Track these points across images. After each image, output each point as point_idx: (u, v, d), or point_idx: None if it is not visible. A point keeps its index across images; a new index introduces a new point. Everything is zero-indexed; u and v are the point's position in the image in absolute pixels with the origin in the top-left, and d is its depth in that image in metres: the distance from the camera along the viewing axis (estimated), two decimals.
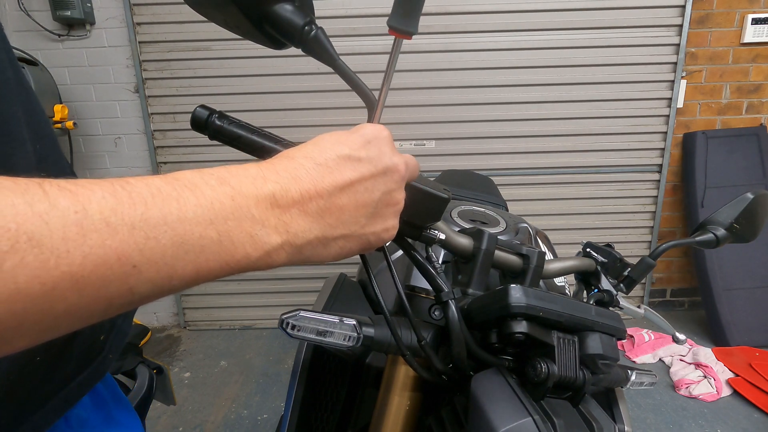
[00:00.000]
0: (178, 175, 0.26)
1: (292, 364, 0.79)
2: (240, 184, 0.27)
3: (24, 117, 0.40)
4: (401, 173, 0.36)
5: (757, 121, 2.57)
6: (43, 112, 0.44)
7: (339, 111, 2.46)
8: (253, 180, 0.28)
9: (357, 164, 0.33)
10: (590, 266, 0.69)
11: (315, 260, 0.33)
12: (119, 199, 0.22)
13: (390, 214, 0.36)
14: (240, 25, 0.42)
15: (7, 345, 0.20)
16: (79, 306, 0.21)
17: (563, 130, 2.52)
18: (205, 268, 0.26)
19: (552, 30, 2.40)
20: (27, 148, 0.40)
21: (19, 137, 0.39)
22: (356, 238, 0.34)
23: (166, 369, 1.03)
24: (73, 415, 0.48)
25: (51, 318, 0.21)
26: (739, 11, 2.42)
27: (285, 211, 0.29)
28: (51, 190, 0.21)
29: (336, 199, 0.31)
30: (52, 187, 0.21)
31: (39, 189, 0.20)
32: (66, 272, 0.20)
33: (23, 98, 0.41)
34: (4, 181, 0.20)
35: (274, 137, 0.48)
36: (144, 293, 0.24)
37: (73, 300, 0.21)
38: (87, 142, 2.53)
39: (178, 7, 2.35)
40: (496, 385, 0.46)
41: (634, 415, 1.91)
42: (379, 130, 0.35)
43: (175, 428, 1.87)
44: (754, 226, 0.70)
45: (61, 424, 0.46)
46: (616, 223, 2.66)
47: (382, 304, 0.41)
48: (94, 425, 0.50)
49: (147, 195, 0.23)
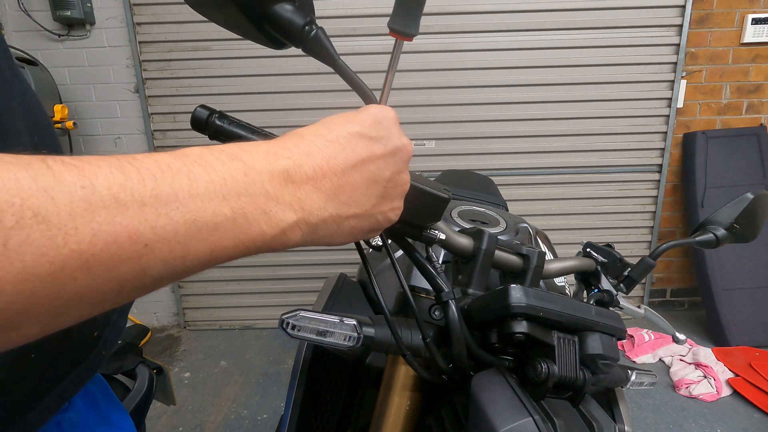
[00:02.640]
0: (188, 151, 0.25)
1: (292, 364, 0.79)
2: (252, 159, 0.27)
3: (19, 108, 0.39)
4: (408, 154, 0.36)
5: (757, 121, 2.57)
6: (39, 104, 0.43)
7: (339, 111, 2.46)
8: (265, 155, 0.27)
9: (368, 142, 0.32)
10: (590, 266, 0.69)
11: (327, 241, 0.32)
12: (127, 175, 0.21)
13: (397, 195, 0.36)
14: (240, 24, 0.42)
15: (17, 331, 0.19)
16: (90, 288, 0.20)
17: (563, 130, 2.52)
18: (220, 246, 0.25)
19: (552, 30, 2.40)
20: (23, 140, 0.39)
21: (12, 129, 0.38)
22: (367, 217, 0.33)
23: (166, 369, 1.03)
24: (66, 419, 0.48)
25: (61, 301, 0.20)
26: (739, 11, 2.42)
27: (299, 188, 0.28)
28: (55, 165, 0.20)
29: (349, 177, 0.31)
30: (56, 163, 0.20)
31: (42, 164, 0.19)
32: (75, 250, 0.19)
33: (17, 90, 0.40)
34: (5, 156, 0.19)
35: (274, 137, 0.48)
36: (157, 274, 0.23)
37: (83, 281, 0.20)
38: (87, 142, 2.52)
39: (178, 7, 2.35)
40: (497, 385, 0.46)
41: (634, 415, 1.91)
42: (386, 110, 0.35)
43: (175, 428, 1.87)
44: (754, 226, 0.70)
45: (53, 428, 0.46)
46: (616, 223, 2.66)
47: (382, 304, 0.41)
48: (86, 427, 0.50)
49: (156, 171, 0.23)
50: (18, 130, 0.38)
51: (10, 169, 0.18)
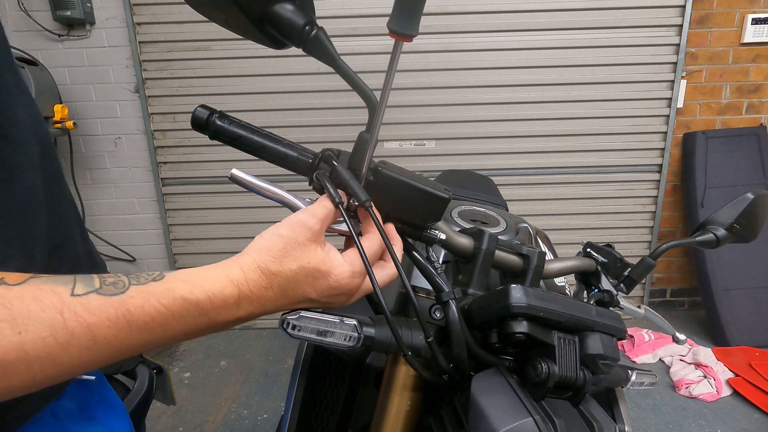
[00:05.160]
0: (172, 307, 0.33)
1: (292, 364, 0.80)
2: (218, 316, 0.36)
3: (26, 120, 0.42)
4: (352, 299, 0.44)
5: (757, 121, 2.57)
6: (41, 114, 0.46)
7: (339, 111, 2.46)
8: (229, 310, 0.37)
9: (316, 304, 0.42)
10: (590, 266, 0.69)
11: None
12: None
13: (338, 303, 0.44)
14: (240, 24, 0.42)
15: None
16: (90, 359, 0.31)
17: (563, 130, 2.52)
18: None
19: (552, 30, 2.40)
20: (29, 150, 0.42)
21: (17, 139, 0.41)
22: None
23: (165, 369, 1.03)
24: (60, 407, 0.49)
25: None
26: (739, 11, 2.42)
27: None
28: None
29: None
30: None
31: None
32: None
33: (23, 101, 0.43)
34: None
35: (274, 137, 0.48)
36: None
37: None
38: (87, 142, 2.52)
39: (178, 7, 2.35)
40: (497, 385, 0.46)
41: (634, 415, 1.91)
42: (352, 287, 0.41)
43: (175, 428, 1.87)
44: (754, 226, 0.70)
45: (47, 416, 0.47)
46: (616, 223, 2.66)
47: (383, 304, 0.41)
48: (80, 419, 0.51)
49: (145, 322, 0.32)
50: (24, 140, 0.42)
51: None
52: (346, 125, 2.47)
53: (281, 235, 0.39)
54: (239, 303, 0.37)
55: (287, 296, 0.39)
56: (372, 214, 0.42)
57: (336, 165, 0.44)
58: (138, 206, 2.63)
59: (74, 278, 0.31)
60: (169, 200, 2.62)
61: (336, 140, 2.48)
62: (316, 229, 0.40)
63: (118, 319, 0.30)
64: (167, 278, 0.34)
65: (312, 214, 0.40)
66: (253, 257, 0.38)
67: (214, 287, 0.35)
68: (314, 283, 0.40)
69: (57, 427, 0.48)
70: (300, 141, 0.39)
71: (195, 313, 0.34)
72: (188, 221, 2.64)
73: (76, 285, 0.30)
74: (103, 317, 0.30)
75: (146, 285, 0.33)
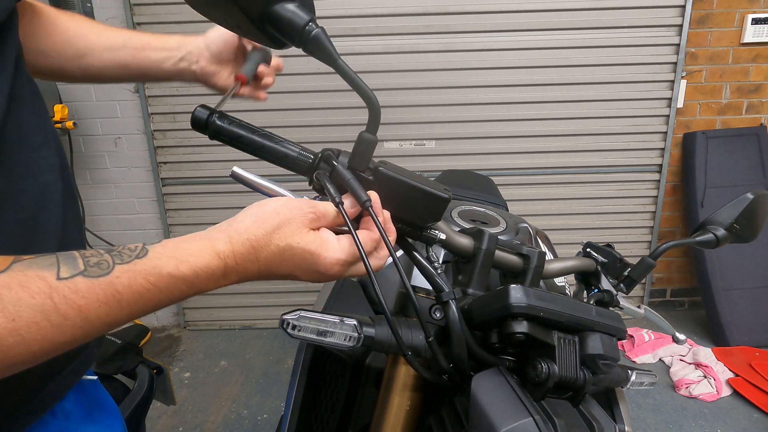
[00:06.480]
0: (159, 283, 0.34)
1: (292, 364, 0.79)
2: (205, 286, 0.37)
3: (38, 125, 0.45)
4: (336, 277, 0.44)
5: (757, 121, 2.57)
6: (50, 119, 0.49)
7: (339, 111, 2.46)
8: (215, 281, 0.38)
9: (300, 278, 0.42)
10: (590, 266, 0.69)
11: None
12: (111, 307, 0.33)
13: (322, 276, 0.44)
14: (240, 24, 0.42)
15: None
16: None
17: (563, 130, 2.52)
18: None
19: (552, 30, 2.40)
20: (43, 154, 0.45)
21: (31, 143, 0.44)
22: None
23: (166, 369, 1.04)
24: (60, 408, 0.51)
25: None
26: (739, 11, 2.42)
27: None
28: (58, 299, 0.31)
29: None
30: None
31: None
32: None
33: (36, 108, 0.46)
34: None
35: (274, 137, 0.48)
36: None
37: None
38: (87, 142, 2.52)
39: (178, 7, 2.35)
40: (497, 385, 0.46)
41: (634, 415, 1.91)
42: (336, 272, 0.42)
43: (175, 428, 1.87)
44: (754, 226, 0.70)
45: (48, 416, 0.49)
46: (616, 223, 2.66)
47: (383, 304, 0.41)
48: (79, 419, 0.53)
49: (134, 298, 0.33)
50: (37, 144, 0.45)
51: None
52: (346, 125, 2.47)
53: (278, 212, 0.39)
54: (225, 275, 0.38)
55: (271, 271, 0.40)
56: (372, 214, 0.42)
57: (336, 165, 0.45)
58: (138, 206, 2.63)
59: (57, 259, 0.31)
60: (169, 200, 2.62)
61: (336, 140, 2.47)
62: (312, 218, 0.41)
63: (107, 299, 0.32)
64: (151, 254, 0.34)
65: (313, 204, 0.42)
66: (245, 226, 0.39)
67: (200, 262, 0.36)
68: (301, 264, 0.40)
69: (58, 426, 0.49)
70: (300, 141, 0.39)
71: (182, 287, 0.36)
72: (188, 221, 2.64)
73: (60, 268, 0.31)
74: (93, 299, 0.31)
75: (131, 263, 0.33)
